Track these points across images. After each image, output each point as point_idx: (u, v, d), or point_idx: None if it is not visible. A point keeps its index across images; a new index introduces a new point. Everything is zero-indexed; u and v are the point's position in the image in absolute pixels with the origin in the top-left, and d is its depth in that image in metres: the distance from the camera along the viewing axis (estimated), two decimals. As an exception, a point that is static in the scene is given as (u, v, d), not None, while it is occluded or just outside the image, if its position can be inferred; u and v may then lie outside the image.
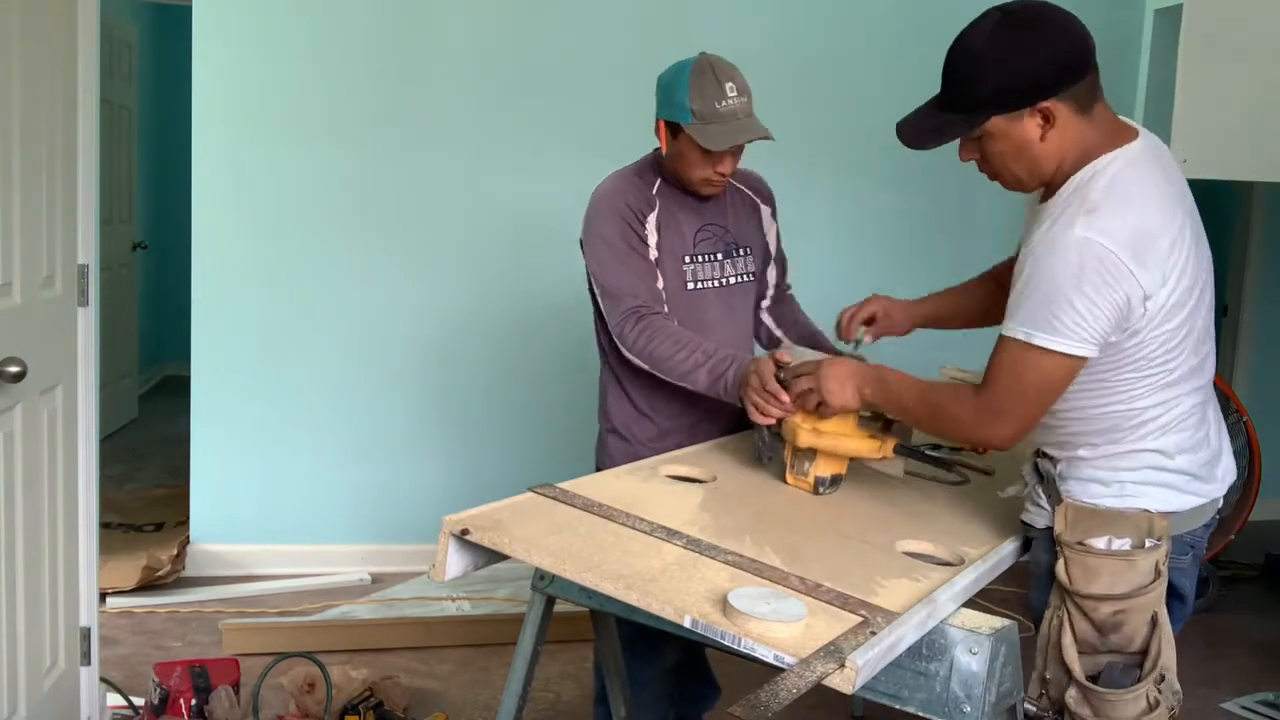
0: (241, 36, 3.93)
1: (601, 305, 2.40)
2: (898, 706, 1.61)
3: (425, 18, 4.03)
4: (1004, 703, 1.62)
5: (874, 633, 1.47)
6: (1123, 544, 1.77)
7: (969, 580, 1.73)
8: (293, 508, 4.12)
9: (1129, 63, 4.53)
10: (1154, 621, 1.76)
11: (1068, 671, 1.77)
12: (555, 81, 4.14)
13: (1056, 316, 1.64)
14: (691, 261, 2.42)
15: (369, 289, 4.10)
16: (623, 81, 4.18)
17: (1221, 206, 5.87)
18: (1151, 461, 1.78)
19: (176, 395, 5.67)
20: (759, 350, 2.57)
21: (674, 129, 2.33)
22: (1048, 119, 1.70)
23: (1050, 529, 1.84)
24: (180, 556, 3.98)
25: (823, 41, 4.32)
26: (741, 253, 2.51)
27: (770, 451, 2.17)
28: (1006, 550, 1.92)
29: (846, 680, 1.37)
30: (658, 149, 2.47)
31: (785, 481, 2.14)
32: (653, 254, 2.37)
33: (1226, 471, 1.89)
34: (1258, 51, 3.67)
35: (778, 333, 2.65)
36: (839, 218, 4.40)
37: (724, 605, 1.49)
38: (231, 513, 4.08)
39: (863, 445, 2.07)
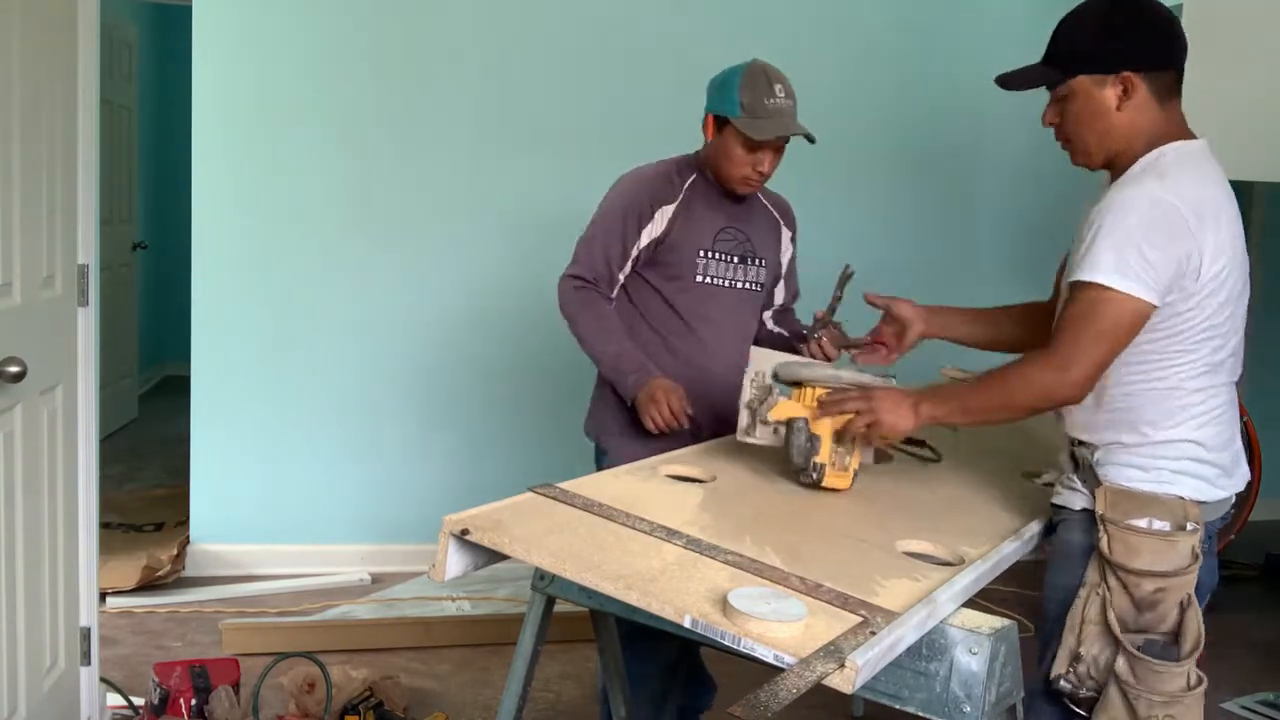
0: (241, 36, 3.93)
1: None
2: (898, 706, 1.61)
3: (425, 17, 4.03)
4: (1004, 703, 1.62)
5: (874, 633, 1.47)
6: (1162, 526, 1.83)
7: (969, 580, 1.73)
8: (293, 508, 4.12)
9: (1129, 63, 4.53)
10: (1185, 604, 1.82)
11: (1115, 643, 1.82)
12: (557, 83, 4.14)
13: (1126, 262, 1.74)
14: (705, 256, 2.54)
15: (369, 289, 4.10)
16: (624, 84, 4.19)
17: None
18: (1190, 453, 1.86)
19: (176, 395, 5.67)
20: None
21: (721, 123, 2.47)
22: (1127, 90, 1.84)
23: (1085, 511, 1.90)
24: (180, 556, 3.98)
25: (829, 39, 4.33)
26: (757, 262, 2.61)
27: (812, 457, 2.08)
28: (1006, 550, 1.92)
29: (846, 680, 1.37)
30: (699, 149, 2.59)
31: (820, 487, 2.07)
32: (642, 242, 2.52)
33: (1243, 474, 1.98)
34: (1258, 51, 3.66)
35: (774, 329, 2.75)
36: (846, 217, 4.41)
37: (724, 605, 1.49)
38: (231, 513, 4.08)
39: None
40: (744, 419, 2.16)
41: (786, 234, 2.72)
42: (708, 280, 2.54)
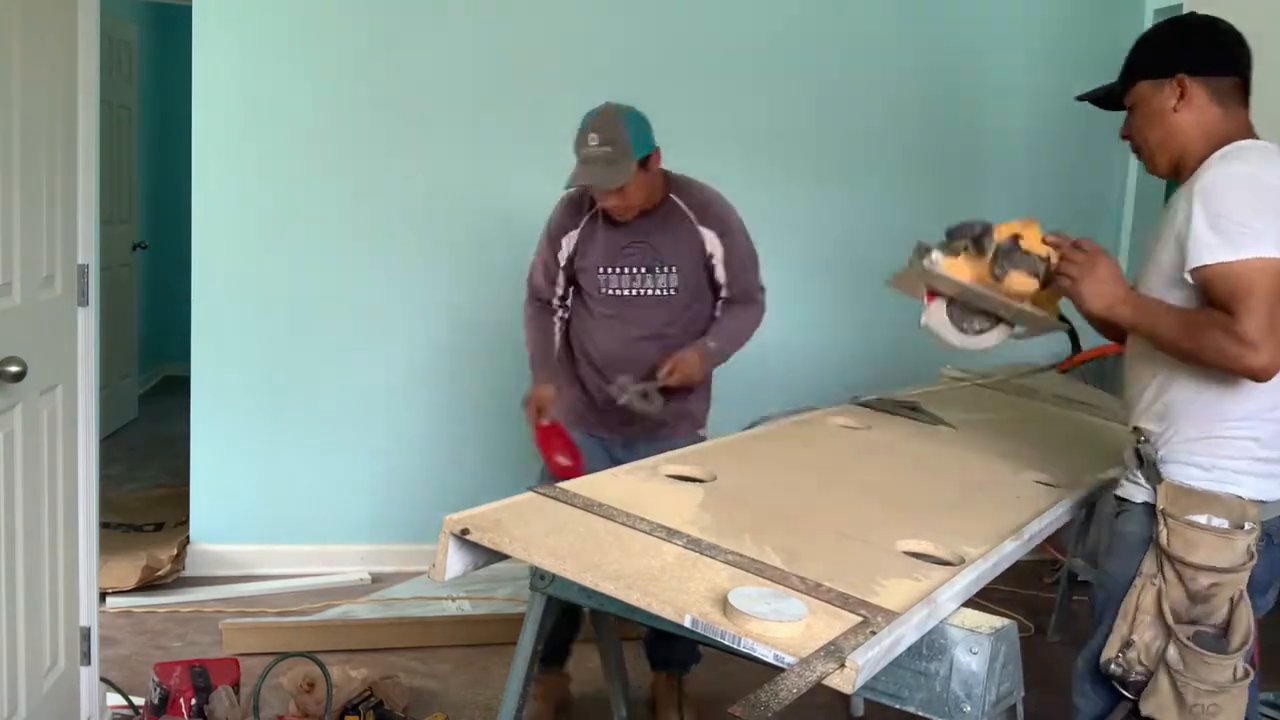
0: (241, 36, 3.93)
1: None
2: (898, 706, 1.61)
3: (425, 18, 4.03)
4: (1004, 702, 1.62)
5: (874, 632, 1.47)
6: (1221, 523, 1.89)
7: (969, 580, 1.73)
8: (293, 508, 4.12)
9: (1129, 63, 4.53)
10: (1236, 599, 1.89)
11: (1168, 632, 1.89)
12: (559, 81, 4.14)
13: (1253, 229, 1.78)
14: (605, 272, 2.91)
15: (369, 288, 4.10)
16: (623, 85, 4.19)
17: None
18: (1249, 451, 1.91)
19: (176, 395, 5.67)
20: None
21: None
22: (1183, 93, 1.94)
23: (1145, 504, 1.97)
24: (180, 556, 3.98)
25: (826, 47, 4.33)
26: (665, 269, 2.88)
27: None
28: (1006, 550, 1.92)
29: (846, 680, 1.37)
30: None
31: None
32: (562, 262, 2.97)
33: None
34: (1258, 51, 3.65)
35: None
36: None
37: (724, 605, 1.49)
38: (231, 513, 4.08)
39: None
40: None
41: (708, 233, 2.89)
42: (610, 292, 2.90)
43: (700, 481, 2.13)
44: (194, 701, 2.81)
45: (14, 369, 2.16)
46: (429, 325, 4.16)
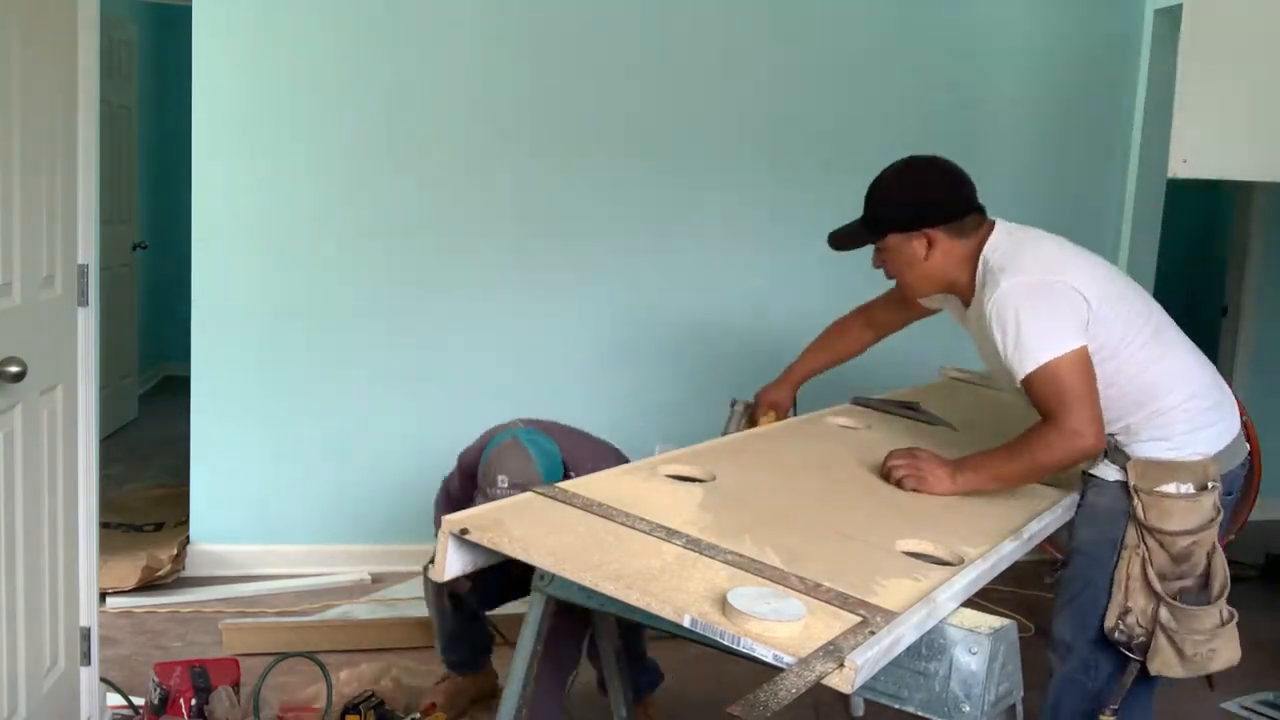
0: (241, 36, 3.93)
1: None
2: (897, 706, 1.61)
3: (428, 17, 4.03)
4: (1003, 702, 1.62)
5: (873, 632, 1.47)
6: (1187, 488, 2.13)
7: (969, 580, 1.73)
8: (293, 508, 4.12)
9: (1129, 63, 4.52)
10: (1211, 552, 2.14)
11: (1156, 596, 2.13)
12: (562, 84, 4.14)
13: (1043, 335, 2.08)
14: None
15: (367, 288, 4.10)
16: (625, 87, 4.19)
17: (1221, 206, 5.87)
18: (1192, 408, 2.18)
19: (176, 395, 5.66)
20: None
21: None
22: (930, 242, 2.24)
23: (1118, 482, 2.19)
24: (180, 556, 3.98)
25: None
26: None
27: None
28: (1006, 550, 1.92)
29: (845, 680, 1.37)
30: None
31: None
32: None
33: (1235, 405, 2.30)
34: (1258, 51, 3.66)
35: None
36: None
37: (723, 605, 1.49)
38: (231, 513, 4.08)
39: None
40: None
41: None
42: None
43: (700, 481, 2.13)
44: (194, 701, 2.82)
45: (14, 369, 2.16)
46: (429, 324, 4.16)
